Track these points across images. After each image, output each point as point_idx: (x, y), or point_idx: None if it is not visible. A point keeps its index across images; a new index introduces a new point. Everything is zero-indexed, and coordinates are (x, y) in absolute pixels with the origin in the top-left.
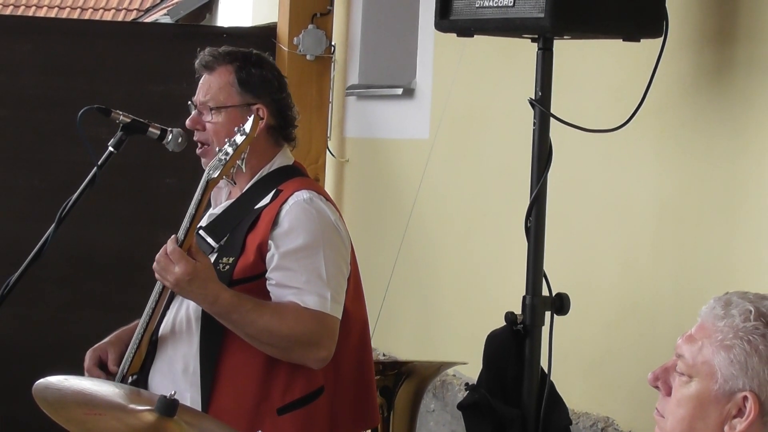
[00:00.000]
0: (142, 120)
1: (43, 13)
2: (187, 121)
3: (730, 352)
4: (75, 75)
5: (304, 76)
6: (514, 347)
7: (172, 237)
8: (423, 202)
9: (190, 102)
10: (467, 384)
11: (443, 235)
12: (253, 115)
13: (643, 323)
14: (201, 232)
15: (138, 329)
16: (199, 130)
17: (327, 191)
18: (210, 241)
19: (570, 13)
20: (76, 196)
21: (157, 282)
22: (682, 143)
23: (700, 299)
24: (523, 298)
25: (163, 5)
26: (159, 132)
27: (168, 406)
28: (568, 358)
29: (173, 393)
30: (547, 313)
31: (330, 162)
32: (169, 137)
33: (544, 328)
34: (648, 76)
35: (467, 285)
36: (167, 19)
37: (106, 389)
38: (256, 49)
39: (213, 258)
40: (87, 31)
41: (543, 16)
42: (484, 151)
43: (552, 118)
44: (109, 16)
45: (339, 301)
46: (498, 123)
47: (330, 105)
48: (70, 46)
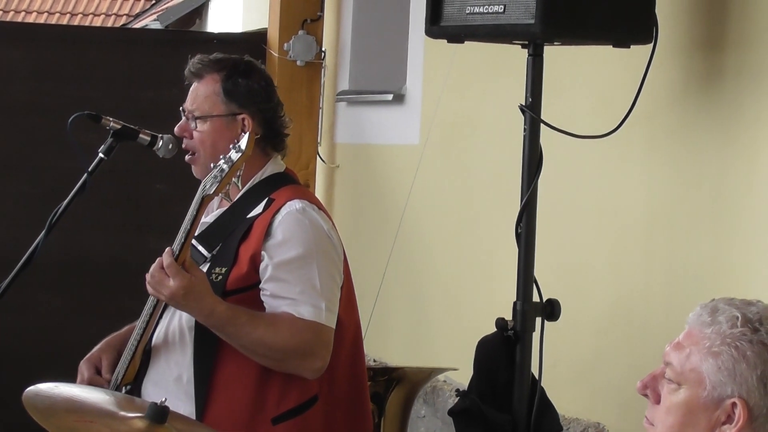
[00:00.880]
0: (133, 126)
1: (32, 19)
2: (176, 128)
3: (718, 358)
4: (65, 81)
5: (295, 81)
6: (505, 353)
7: (168, 250)
8: (414, 207)
9: (181, 109)
10: (458, 390)
11: (434, 240)
12: (248, 131)
13: (634, 329)
14: (193, 242)
15: (132, 340)
16: (187, 137)
17: (318, 198)
18: (202, 250)
19: (560, 19)
20: (66, 202)
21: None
22: (672, 149)
23: (690, 305)
24: (514, 303)
25: (153, 11)
26: (149, 138)
27: (158, 413)
28: (559, 364)
29: (164, 400)
30: (538, 319)
31: (320, 168)
32: (160, 143)
33: (534, 334)
34: (638, 82)
35: (458, 291)
36: (157, 25)
37: (96, 396)
38: (247, 55)
39: (206, 268)
40: (77, 37)
41: (533, 22)
42: (475, 157)
43: (542, 124)
44: (99, 21)
45: (333, 311)
46: (488, 129)
47: (320, 111)
48: (59, 52)
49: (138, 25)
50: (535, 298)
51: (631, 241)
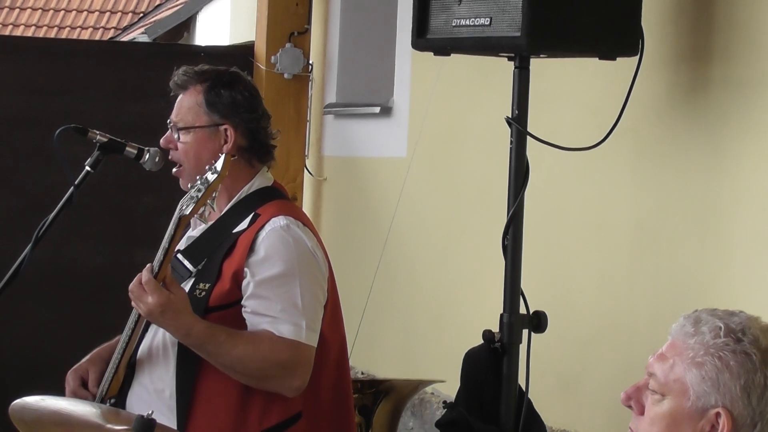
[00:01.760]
0: (119, 139)
1: (20, 32)
2: (162, 140)
3: (702, 369)
4: (52, 94)
5: (282, 94)
6: (492, 365)
7: (148, 266)
8: (401, 220)
9: (168, 121)
10: (445, 402)
11: (421, 253)
12: (225, 152)
13: (620, 340)
14: (179, 256)
15: (116, 353)
16: (173, 149)
17: (306, 211)
18: (188, 265)
19: (546, 31)
20: (53, 215)
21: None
22: (658, 161)
23: (675, 316)
24: (501, 315)
25: (141, 24)
26: (136, 151)
27: (145, 426)
28: (546, 375)
29: (151, 413)
30: (525, 331)
31: (308, 180)
32: (146, 156)
33: (521, 345)
34: (624, 94)
35: (445, 303)
36: (145, 38)
37: (83, 409)
38: (235, 67)
39: (190, 283)
40: (64, 50)
41: (519, 34)
42: (462, 170)
43: (529, 137)
44: (87, 34)
45: (314, 330)
46: (475, 141)
47: (308, 123)
48: (47, 65)
49: (126, 38)
50: (522, 310)
51: (617, 252)
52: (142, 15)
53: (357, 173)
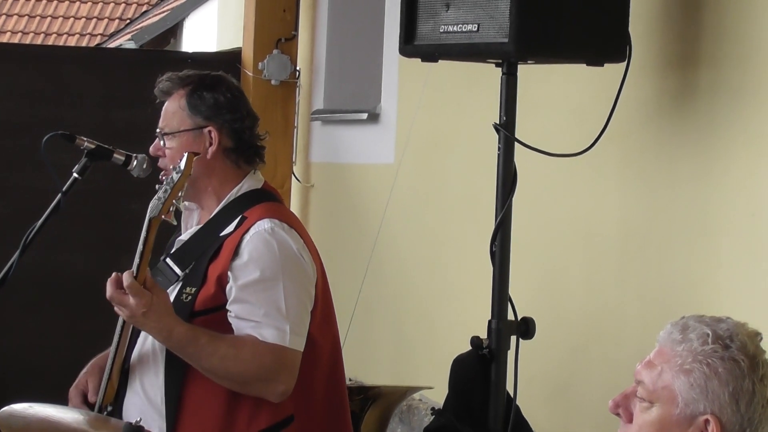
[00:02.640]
0: (107, 146)
1: (6, 38)
2: (150, 148)
3: (690, 376)
4: (39, 101)
5: (269, 101)
6: (480, 371)
7: (127, 272)
8: (389, 226)
9: (157, 130)
10: (433, 408)
11: (409, 259)
12: (187, 153)
13: (608, 347)
14: (168, 260)
15: (108, 360)
16: (161, 156)
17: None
18: (176, 269)
19: (534, 38)
20: (40, 222)
21: None
22: (646, 167)
23: (664, 323)
24: (489, 322)
25: (128, 30)
26: (123, 158)
27: None
28: (534, 382)
29: (139, 420)
30: (513, 338)
31: (295, 187)
32: (134, 163)
33: (509, 352)
34: (611, 100)
35: (433, 309)
36: (132, 44)
37: (71, 416)
38: (221, 72)
39: (178, 287)
40: (51, 57)
41: (507, 41)
42: (450, 176)
43: (516, 143)
44: (74, 41)
45: (300, 333)
46: (463, 147)
47: (295, 130)
48: (34, 71)
49: (113, 44)
50: (510, 316)
51: (606, 259)
52: (128, 21)
53: (345, 179)
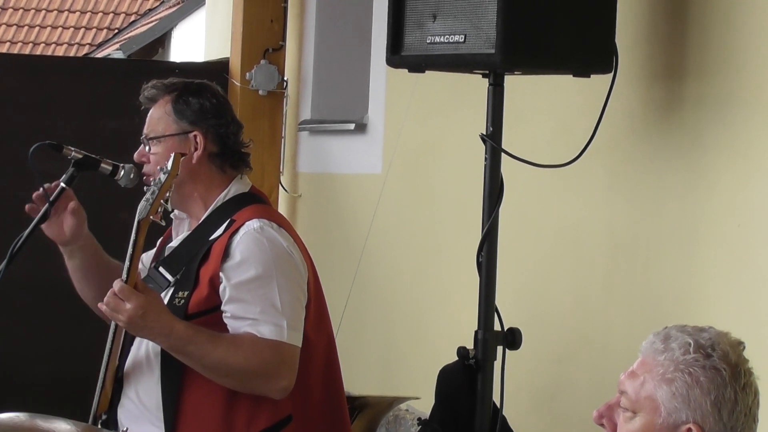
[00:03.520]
0: (94, 156)
1: None
2: (135, 155)
3: (672, 385)
4: (27, 110)
5: (257, 111)
6: (467, 382)
7: (117, 279)
8: (376, 236)
9: (141, 136)
10: (419, 419)
11: (396, 269)
12: (174, 153)
13: (595, 358)
14: (160, 268)
15: (101, 369)
16: (146, 162)
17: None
18: (166, 275)
19: (520, 49)
20: (28, 231)
21: (112, 321)
22: (633, 178)
23: (650, 334)
24: (475, 332)
25: (116, 40)
26: (111, 168)
27: None
28: (520, 392)
29: (125, 429)
30: (499, 348)
31: (283, 197)
32: (121, 173)
33: (496, 362)
34: (598, 111)
35: (420, 319)
36: (119, 54)
37: (58, 426)
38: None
39: (170, 292)
40: (39, 66)
41: (494, 52)
42: (437, 186)
43: (503, 154)
44: (62, 50)
45: (297, 329)
46: (450, 158)
47: (282, 140)
48: (22, 81)
49: (101, 54)
50: (497, 326)
51: (592, 269)
52: (117, 31)
53: (332, 189)
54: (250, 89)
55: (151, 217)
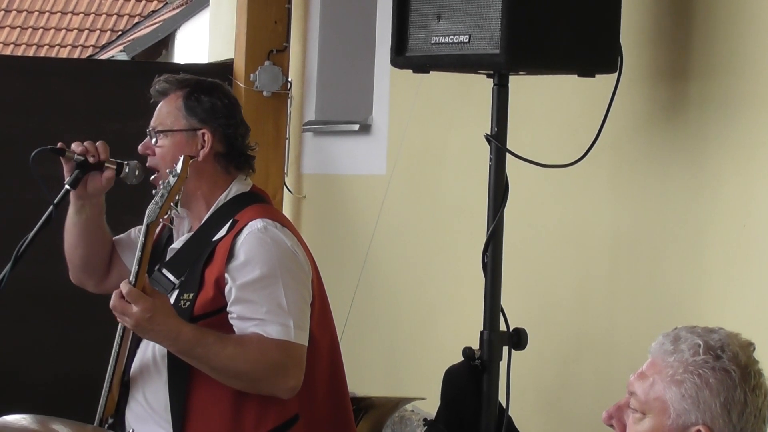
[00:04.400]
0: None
1: None
2: (140, 146)
3: (682, 386)
4: (30, 112)
5: (261, 112)
6: (472, 382)
7: (124, 281)
8: (380, 237)
9: (148, 129)
10: (425, 419)
11: (401, 270)
12: (183, 156)
13: (600, 358)
14: (163, 270)
15: (108, 373)
16: (150, 155)
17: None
18: (171, 277)
19: (525, 49)
20: (32, 234)
21: (119, 324)
22: (637, 178)
23: (655, 334)
24: (481, 333)
25: (119, 42)
26: (115, 167)
27: None
28: (526, 393)
29: (132, 431)
30: (505, 348)
31: (287, 198)
32: (126, 170)
33: (501, 363)
34: (603, 111)
35: (425, 320)
36: (123, 56)
37: (63, 429)
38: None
39: (174, 294)
40: (42, 69)
41: (498, 52)
42: (441, 187)
43: (508, 154)
44: (66, 52)
45: (303, 328)
46: (454, 159)
47: (287, 141)
48: (25, 83)
49: (104, 56)
50: (502, 327)
51: (597, 269)
52: (120, 33)
53: (336, 191)
54: (254, 90)
55: (161, 220)
